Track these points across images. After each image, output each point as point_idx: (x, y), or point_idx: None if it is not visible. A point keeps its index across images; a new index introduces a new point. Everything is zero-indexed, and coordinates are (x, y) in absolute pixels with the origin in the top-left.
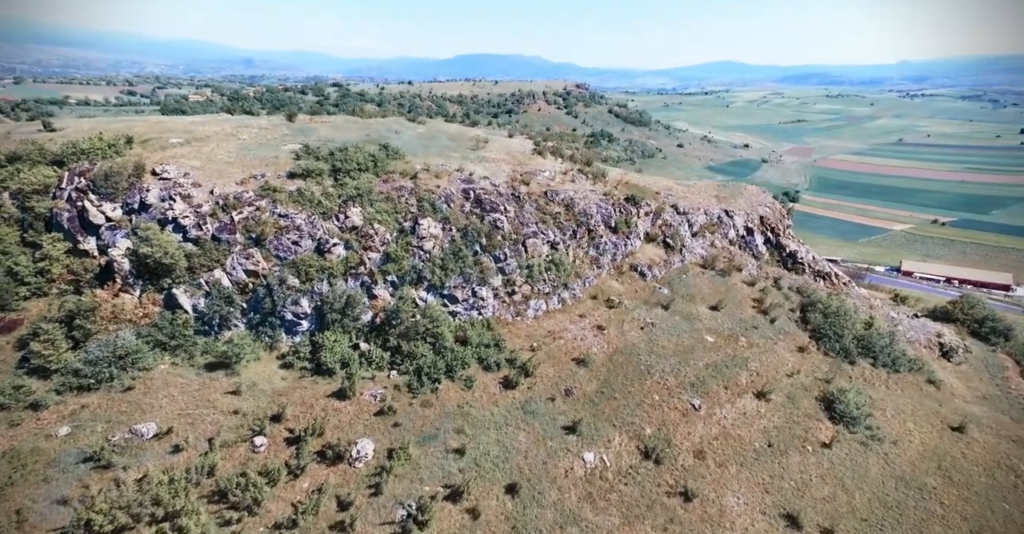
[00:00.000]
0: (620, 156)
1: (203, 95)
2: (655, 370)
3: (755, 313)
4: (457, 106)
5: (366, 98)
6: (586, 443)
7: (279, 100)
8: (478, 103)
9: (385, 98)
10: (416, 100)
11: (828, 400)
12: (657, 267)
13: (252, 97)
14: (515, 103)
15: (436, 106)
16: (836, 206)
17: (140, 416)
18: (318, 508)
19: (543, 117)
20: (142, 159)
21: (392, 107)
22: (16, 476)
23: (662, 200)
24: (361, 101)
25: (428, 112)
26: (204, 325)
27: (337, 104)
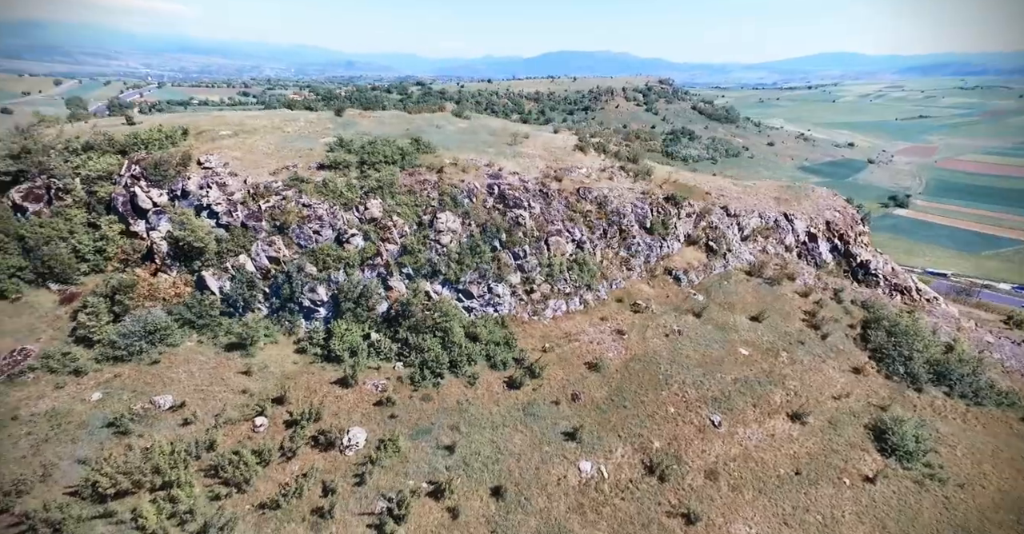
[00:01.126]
0: (700, 155)
1: (301, 95)
2: (674, 381)
3: (804, 327)
4: (533, 103)
5: (446, 96)
6: (585, 451)
7: (366, 99)
8: (555, 100)
9: (463, 96)
10: (493, 97)
11: (879, 429)
12: (695, 272)
13: (343, 96)
14: (592, 100)
15: (512, 103)
16: (956, 213)
17: (160, 388)
18: (302, 492)
19: (621, 114)
20: (191, 149)
21: (469, 104)
22: (51, 434)
23: (711, 201)
24: (441, 99)
25: (504, 109)
26: (229, 307)
27: (418, 102)
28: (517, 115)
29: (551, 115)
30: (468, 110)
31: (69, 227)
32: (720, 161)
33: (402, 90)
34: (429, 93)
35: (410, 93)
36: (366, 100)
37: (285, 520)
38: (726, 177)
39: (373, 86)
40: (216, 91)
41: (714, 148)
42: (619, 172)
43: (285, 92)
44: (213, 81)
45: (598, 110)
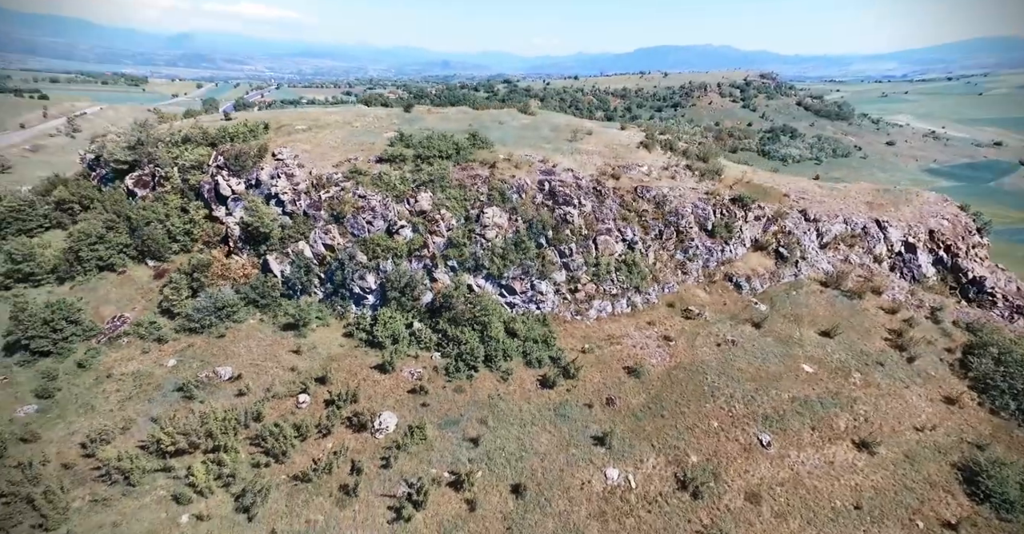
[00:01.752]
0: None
1: (395, 93)
2: (721, 394)
3: (887, 347)
4: (619, 100)
5: (531, 93)
6: (614, 458)
7: (454, 96)
8: (642, 96)
9: (548, 93)
10: (578, 95)
11: (971, 470)
12: (759, 279)
13: (433, 94)
14: (683, 96)
15: (597, 100)
16: None
17: (223, 360)
18: (332, 469)
19: (713, 111)
20: (268, 142)
21: (553, 101)
22: (134, 392)
23: (788, 204)
24: (526, 96)
25: (588, 106)
26: (289, 289)
27: (504, 99)
28: (602, 112)
29: (637, 112)
30: (533, 106)
31: (166, 211)
32: (826, 162)
33: (489, 88)
34: (515, 91)
35: (496, 91)
36: (453, 98)
37: (314, 493)
38: (814, 179)
39: (462, 84)
40: (323, 91)
41: (819, 147)
42: (684, 171)
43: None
44: (322, 82)
45: (688, 107)
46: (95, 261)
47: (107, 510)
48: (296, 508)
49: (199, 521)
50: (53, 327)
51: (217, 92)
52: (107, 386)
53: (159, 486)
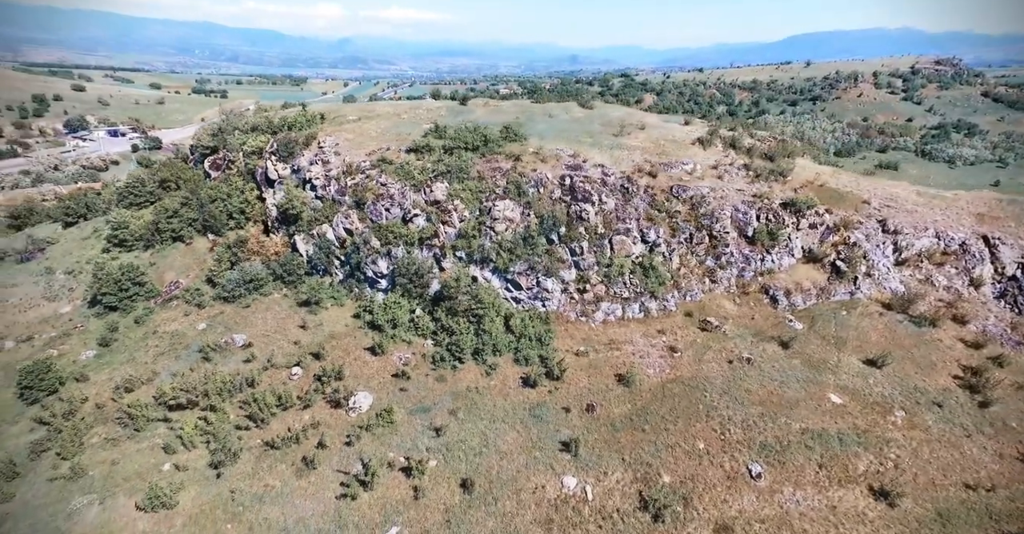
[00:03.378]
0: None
1: (510, 88)
2: (717, 414)
3: (954, 386)
4: (747, 93)
5: (647, 87)
6: (578, 467)
7: (566, 91)
8: (775, 89)
9: (666, 87)
10: (699, 88)
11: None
12: (803, 295)
13: (547, 89)
14: (826, 88)
15: (721, 94)
16: None
17: (241, 328)
18: (299, 440)
19: (863, 104)
20: (318, 131)
21: (671, 96)
22: (167, 349)
23: (867, 212)
24: (642, 91)
25: (708, 101)
26: (312, 268)
27: (617, 94)
28: (724, 107)
29: (766, 107)
30: (592, 100)
31: (227, 191)
32: (1015, 164)
33: (604, 82)
34: (630, 85)
35: (611, 85)
36: (565, 92)
37: (279, 460)
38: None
39: (577, 79)
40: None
41: (1007, 147)
42: (737, 170)
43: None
44: (452, 79)
45: (831, 100)
46: (169, 233)
47: (112, 449)
48: (260, 472)
49: (177, 470)
50: (121, 287)
51: (359, 90)
52: (150, 341)
53: (157, 434)
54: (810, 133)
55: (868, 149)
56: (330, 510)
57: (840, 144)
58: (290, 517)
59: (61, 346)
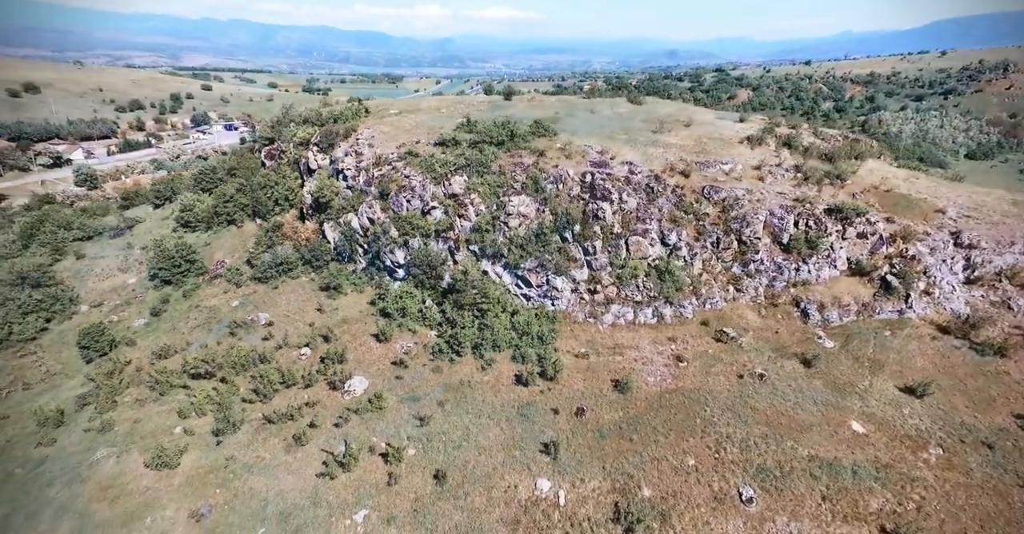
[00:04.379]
0: None
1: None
2: (715, 431)
3: (1014, 428)
4: (860, 88)
5: (743, 83)
6: (556, 470)
7: (653, 87)
8: (896, 83)
9: (765, 82)
10: (802, 83)
11: None
12: (841, 310)
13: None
14: (963, 79)
15: (829, 89)
16: None
17: (267, 307)
18: (293, 418)
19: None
20: (358, 124)
21: (768, 92)
22: (203, 322)
23: (938, 222)
24: (737, 86)
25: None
26: (339, 255)
27: (707, 90)
28: (831, 103)
29: (884, 102)
30: (642, 96)
31: (276, 179)
32: None
33: (695, 77)
34: (723, 80)
35: (702, 81)
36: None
37: (272, 435)
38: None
39: (666, 75)
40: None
41: None
42: (785, 172)
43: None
44: (540, 76)
45: (969, 93)
46: (224, 216)
47: (139, 409)
48: (255, 444)
49: (185, 434)
50: (174, 263)
51: (448, 87)
52: (192, 314)
53: (176, 400)
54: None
55: (1014, 151)
56: (309, 487)
57: (974, 145)
58: (272, 489)
59: (121, 313)
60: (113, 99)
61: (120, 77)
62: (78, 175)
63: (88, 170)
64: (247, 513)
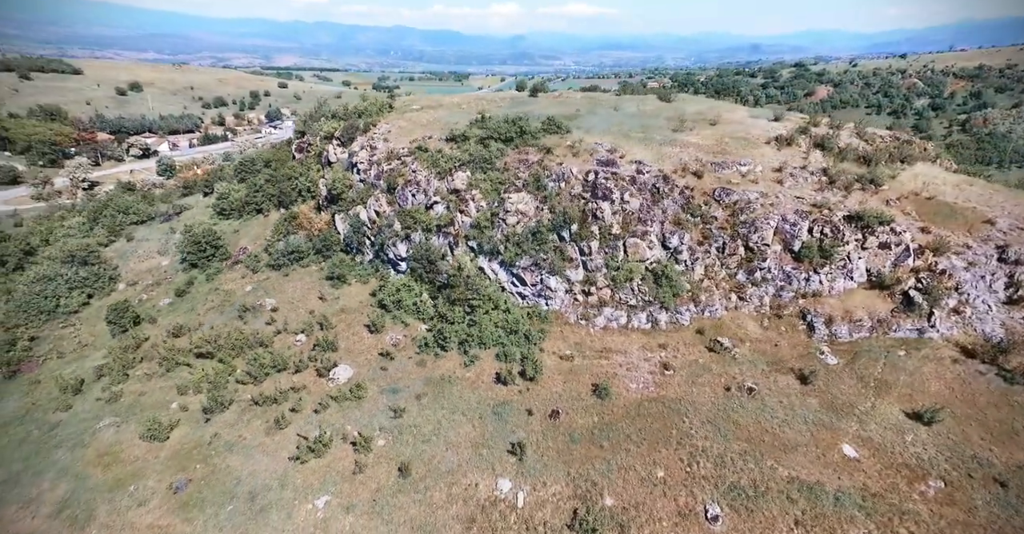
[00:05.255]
0: None
1: (659, 82)
2: (690, 443)
3: None
4: (964, 82)
5: (823, 78)
6: (519, 472)
7: (722, 84)
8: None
9: (848, 77)
10: (892, 78)
11: None
12: (852, 325)
13: (699, 82)
14: None
15: (925, 84)
16: None
17: (275, 293)
18: (277, 401)
19: None
20: (378, 119)
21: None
22: (217, 305)
23: (983, 234)
24: (817, 82)
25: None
26: (347, 246)
27: (783, 87)
28: (926, 99)
29: (993, 99)
30: (674, 94)
31: (301, 171)
32: None
33: (769, 73)
34: (802, 76)
35: (777, 76)
36: (721, 85)
37: (256, 416)
38: None
39: (737, 71)
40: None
41: None
42: (810, 175)
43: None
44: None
45: None
46: (253, 205)
47: (145, 383)
48: (239, 424)
49: (179, 410)
50: (200, 248)
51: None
52: (210, 297)
53: (177, 376)
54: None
55: None
56: (280, 469)
57: None
58: (247, 468)
59: (151, 292)
60: (201, 96)
61: (209, 76)
62: (159, 165)
63: (168, 161)
64: (220, 489)
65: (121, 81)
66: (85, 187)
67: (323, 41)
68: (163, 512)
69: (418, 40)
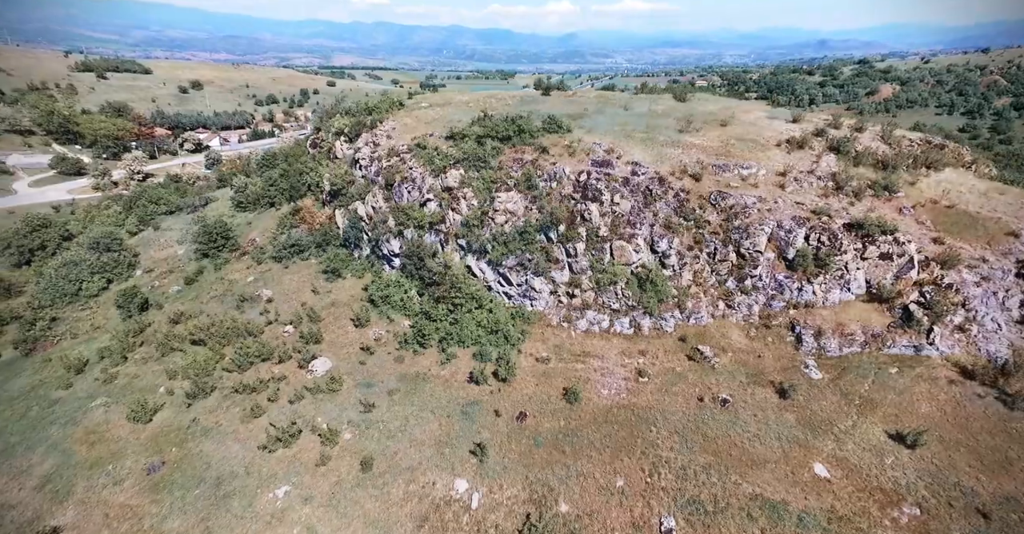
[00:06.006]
0: None
1: (708, 80)
2: (654, 453)
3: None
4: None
5: (889, 76)
6: (478, 473)
7: (777, 82)
8: None
9: (919, 74)
10: (970, 74)
11: None
12: (842, 339)
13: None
14: None
15: (1008, 81)
16: None
17: (272, 285)
18: (256, 390)
19: None
20: (388, 116)
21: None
22: (219, 294)
23: (1003, 247)
24: (882, 79)
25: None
26: (346, 241)
27: (843, 85)
28: (1009, 98)
29: None
30: (690, 93)
31: (312, 166)
32: None
33: (829, 71)
34: (864, 73)
35: (836, 74)
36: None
37: (235, 404)
38: None
39: (794, 69)
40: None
41: None
42: (816, 180)
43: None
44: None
45: None
46: (267, 199)
47: (140, 366)
48: (219, 410)
49: (166, 393)
50: (211, 238)
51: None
52: (215, 286)
53: (170, 362)
54: None
55: None
56: (248, 457)
57: None
58: (218, 454)
59: (164, 280)
60: (255, 94)
61: (263, 75)
62: (207, 159)
63: (216, 155)
64: (190, 473)
65: (184, 80)
66: (140, 179)
67: (380, 41)
68: (135, 492)
69: (471, 39)
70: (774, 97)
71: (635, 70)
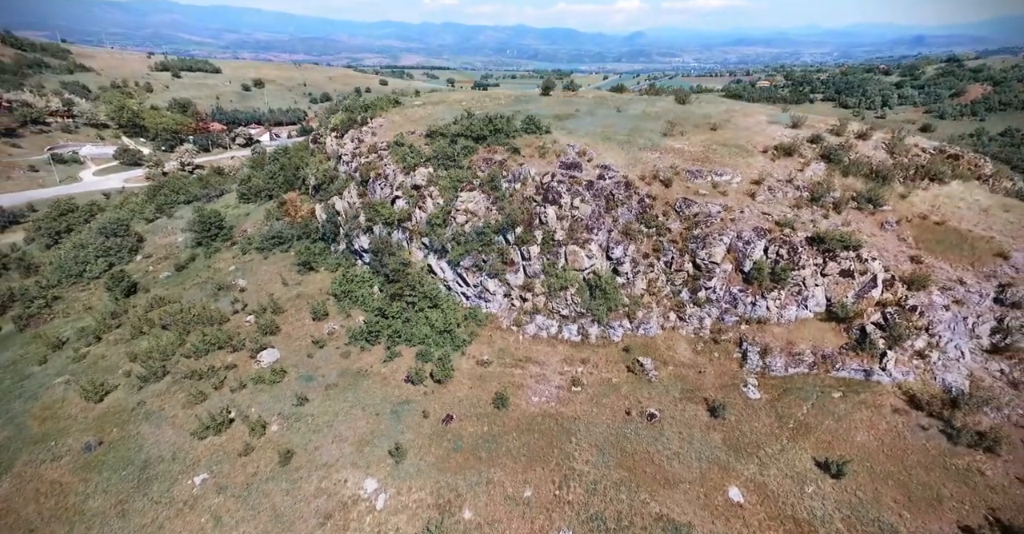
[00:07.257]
0: None
1: (771, 81)
2: (567, 465)
3: None
4: None
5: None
6: (390, 473)
7: (846, 83)
8: None
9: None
10: None
11: None
12: (789, 359)
13: (818, 81)
14: None
15: None
16: None
17: (248, 275)
18: (202, 377)
19: None
20: (379, 113)
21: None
22: (202, 282)
23: (986, 269)
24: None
25: None
26: (324, 235)
27: (924, 85)
28: None
29: None
30: (693, 95)
31: (307, 160)
32: None
33: (908, 71)
34: (951, 73)
35: (917, 74)
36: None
37: (182, 389)
38: None
39: (868, 68)
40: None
41: None
42: (793, 190)
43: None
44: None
45: None
46: (266, 191)
47: (111, 348)
48: (166, 394)
49: (124, 376)
50: (204, 227)
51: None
52: (201, 273)
53: (137, 345)
54: None
55: None
56: (179, 441)
57: None
58: (153, 438)
59: (157, 265)
60: (310, 92)
61: (320, 74)
62: (254, 153)
63: (262, 149)
64: (122, 455)
65: (248, 78)
66: (190, 170)
67: (447, 41)
68: (69, 470)
69: (534, 39)
70: (841, 99)
71: (701, 69)
